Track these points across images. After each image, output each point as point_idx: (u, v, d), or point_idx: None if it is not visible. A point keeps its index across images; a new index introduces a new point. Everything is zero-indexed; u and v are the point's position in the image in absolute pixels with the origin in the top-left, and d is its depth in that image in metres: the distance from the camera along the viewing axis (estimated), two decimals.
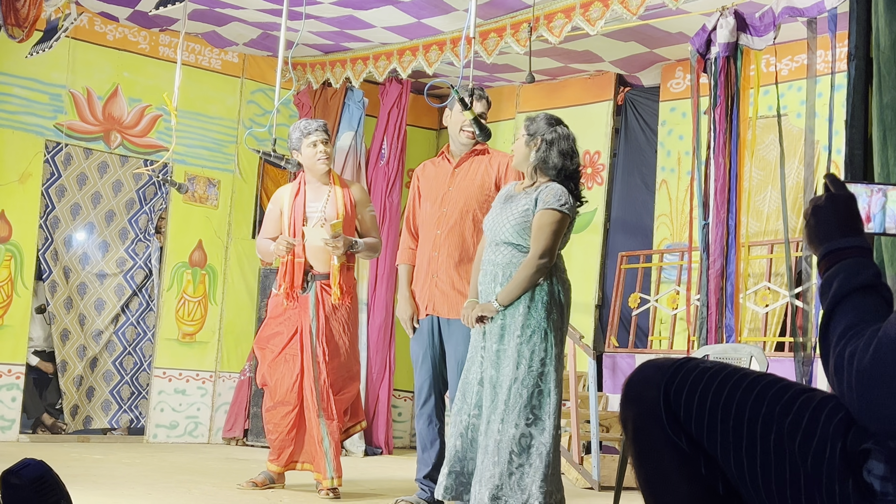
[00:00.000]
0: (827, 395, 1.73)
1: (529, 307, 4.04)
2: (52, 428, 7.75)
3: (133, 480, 5.33)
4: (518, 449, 3.94)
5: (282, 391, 5.21)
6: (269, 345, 5.32)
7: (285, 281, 5.24)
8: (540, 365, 4.01)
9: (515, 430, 3.94)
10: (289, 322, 5.25)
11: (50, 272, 7.60)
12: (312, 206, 5.28)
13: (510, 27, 6.79)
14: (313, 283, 5.22)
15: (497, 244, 4.15)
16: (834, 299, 1.72)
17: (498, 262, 4.13)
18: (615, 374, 7.43)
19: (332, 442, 5.09)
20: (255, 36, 7.92)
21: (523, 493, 3.93)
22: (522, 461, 3.94)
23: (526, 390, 3.97)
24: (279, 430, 5.23)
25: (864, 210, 1.83)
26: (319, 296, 5.20)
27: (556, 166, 4.15)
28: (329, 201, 5.27)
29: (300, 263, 5.23)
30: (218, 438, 8.15)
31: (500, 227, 4.15)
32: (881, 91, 2.82)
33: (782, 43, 6.47)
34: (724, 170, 5.79)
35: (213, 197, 8.24)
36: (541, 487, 3.92)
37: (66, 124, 7.58)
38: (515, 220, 4.11)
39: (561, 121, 4.28)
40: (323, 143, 5.26)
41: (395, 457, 8.07)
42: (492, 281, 4.13)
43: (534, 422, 3.97)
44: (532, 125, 4.24)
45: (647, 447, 1.84)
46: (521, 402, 3.96)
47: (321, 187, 5.31)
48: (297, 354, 5.20)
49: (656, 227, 7.91)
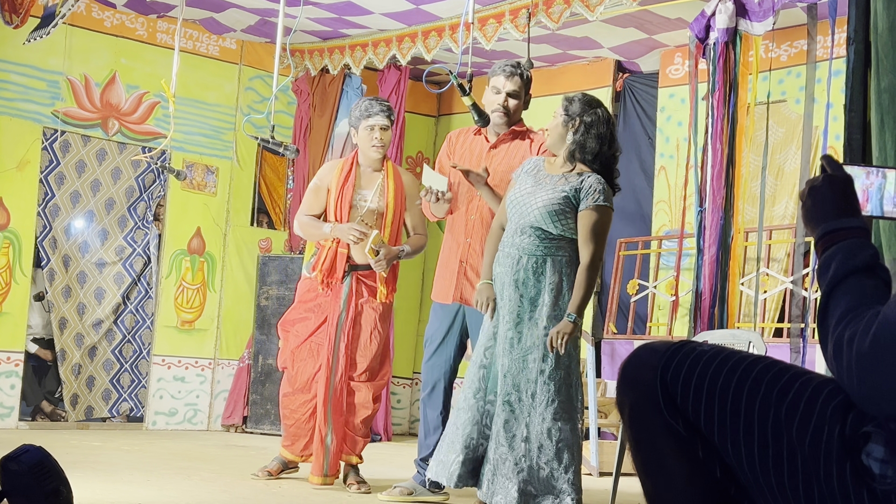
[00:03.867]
0: (825, 379, 1.73)
1: (557, 298, 3.93)
2: (52, 415, 7.75)
3: (132, 467, 5.34)
4: (547, 443, 3.87)
5: (302, 379, 5.10)
6: (294, 329, 5.16)
7: (323, 269, 5.00)
8: (567, 358, 3.94)
9: (543, 425, 3.87)
10: (318, 309, 5.08)
11: (48, 260, 7.60)
12: (361, 194, 5.05)
13: (509, 13, 6.78)
14: (351, 274, 5.03)
15: (522, 227, 3.99)
16: (832, 281, 1.72)
17: (524, 247, 3.99)
18: (614, 361, 7.43)
19: (334, 439, 4.97)
20: (252, 22, 7.90)
21: (554, 488, 3.86)
22: (551, 456, 3.87)
23: (554, 384, 3.89)
24: (295, 417, 5.12)
25: (862, 192, 1.83)
26: (354, 287, 5.02)
27: (594, 151, 4.01)
28: (381, 191, 5.05)
29: (343, 254, 5.00)
30: (217, 425, 8.16)
31: (529, 209, 3.97)
32: (879, 75, 2.82)
33: (781, 28, 6.46)
34: (721, 156, 5.78)
35: (211, 184, 8.24)
36: (571, 482, 3.86)
37: (63, 111, 7.56)
38: (547, 206, 3.95)
39: (601, 103, 4.11)
40: (382, 129, 4.99)
41: (393, 443, 8.08)
42: (514, 264, 3.98)
43: (561, 416, 3.89)
44: (571, 106, 4.06)
45: (644, 431, 1.84)
46: (549, 395, 3.88)
47: (373, 173, 5.08)
48: (324, 345, 5.05)
49: (655, 213, 7.91)
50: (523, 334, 3.96)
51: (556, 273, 3.97)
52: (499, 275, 4.06)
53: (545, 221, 3.96)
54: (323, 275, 5.01)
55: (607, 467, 6.14)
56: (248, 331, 8.22)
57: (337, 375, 5.00)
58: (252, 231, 8.45)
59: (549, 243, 3.98)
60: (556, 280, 3.96)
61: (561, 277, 3.97)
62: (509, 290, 4.00)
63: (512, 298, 3.99)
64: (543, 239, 3.99)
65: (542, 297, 3.95)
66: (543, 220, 3.96)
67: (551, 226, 3.96)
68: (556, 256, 3.98)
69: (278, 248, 8.45)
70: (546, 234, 3.98)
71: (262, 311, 8.04)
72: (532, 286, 3.97)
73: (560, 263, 3.98)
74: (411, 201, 5.07)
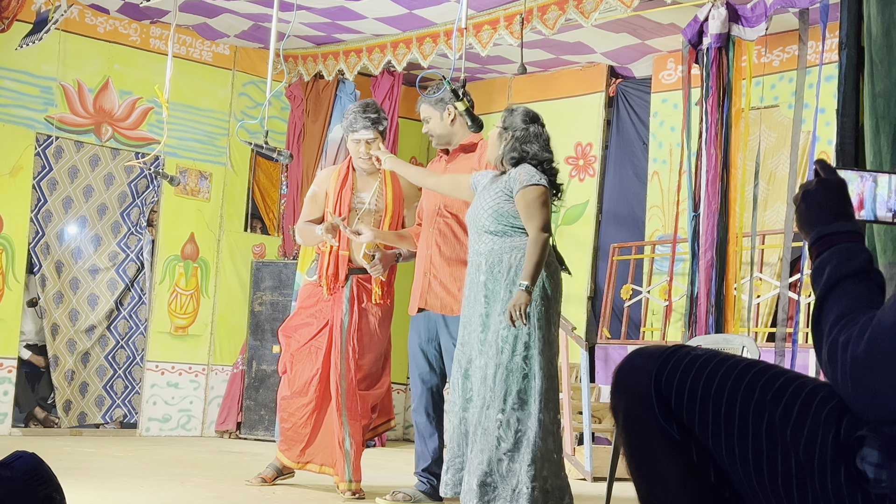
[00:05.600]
0: (820, 383, 1.73)
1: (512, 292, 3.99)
2: (45, 422, 7.73)
3: (125, 473, 5.32)
4: (505, 434, 3.91)
5: (300, 382, 5.07)
6: (296, 334, 5.15)
7: (327, 274, 5.01)
8: (524, 349, 3.97)
9: (502, 416, 3.92)
10: (320, 314, 5.07)
11: (40, 266, 7.58)
12: (359, 197, 5.05)
13: (504, 19, 6.79)
14: (350, 277, 5.02)
15: (479, 234, 4.15)
16: (826, 285, 1.72)
17: (481, 252, 4.12)
18: (607, 366, 7.44)
19: (353, 443, 4.93)
20: (246, 27, 7.90)
21: (512, 479, 3.89)
22: (510, 447, 3.91)
23: (511, 375, 3.94)
24: (293, 421, 5.09)
25: (855, 196, 1.83)
26: (355, 290, 5.02)
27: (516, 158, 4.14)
28: (378, 194, 5.06)
29: (344, 257, 4.99)
30: (211, 431, 8.14)
31: (479, 216, 4.14)
32: (873, 80, 2.82)
33: (774, 34, 6.48)
34: (715, 161, 5.80)
35: (204, 190, 8.23)
36: (529, 473, 3.87)
37: (56, 117, 7.55)
38: (490, 207, 4.10)
39: (538, 118, 4.24)
40: (367, 142, 4.96)
41: (388, 449, 8.08)
42: (476, 271, 4.12)
43: (520, 406, 3.94)
44: (508, 118, 4.22)
45: (638, 435, 1.84)
46: (506, 387, 3.93)
47: (370, 176, 5.08)
48: (322, 348, 5.02)
49: (648, 218, 7.92)
50: (490, 333, 4.04)
51: (512, 269, 4.06)
52: (466, 284, 4.18)
53: (491, 222, 4.11)
54: (328, 280, 5.01)
55: (601, 472, 6.14)
56: (242, 336, 8.21)
57: (347, 379, 4.97)
58: (246, 236, 8.45)
59: (502, 242, 4.10)
60: (511, 275, 4.05)
61: (516, 272, 4.04)
62: (477, 294, 4.11)
63: (479, 302, 4.09)
64: (497, 239, 4.11)
65: (500, 293, 4.04)
66: (490, 222, 4.11)
67: (497, 225, 4.10)
68: (511, 252, 4.08)
69: (272, 254, 8.44)
70: (496, 234, 4.11)
71: (255, 317, 8.03)
72: (492, 286, 4.08)
73: (515, 259, 4.07)
74: (410, 202, 5.10)
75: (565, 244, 8.40)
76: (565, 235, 8.40)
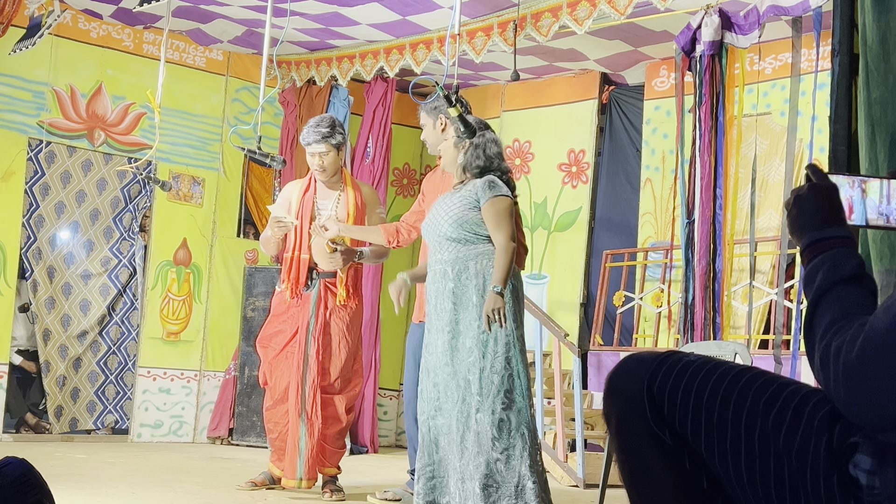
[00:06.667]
0: (812, 389, 1.73)
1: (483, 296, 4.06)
2: (36, 427, 7.70)
3: (117, 479, 5.30)
4: (498, 433, 3.98)
5: (280, 389, 5.14)
6: (272, 343, 5.24)
7: (290, 278, 5.16)
8: (505, 349, 4.05)
9: (493, 417, 3.98)
10: (291, 320, 5.18)
11: (32, 271, 7.56)
12: (322, 204, 5.22)
13: (497, 26, 6.79)
14: (317, 281, 5.15)
15: (439, 242, 4.21)
16: (818, 291, 1.72)
17: (445, 260, 4.18)
18: (600, 372, 7.43)
19: (308, 444, 5.01)
20: (239, 33, 7.90)
21: (514, 476, 3.96)
22: (505, 445, 3.98)
23: (497, 376, 4.01)
24: (279, 430, 5.15)
25: (847, 202, 1.83)
26: (322, 294, 5.13)
27: (480, 167, 4.27)
28: (340, 202, 5.21)
29: (305, 260, 5.14)
30: (203, 437, 8.12)
31: (439, 224, 4.21)
32: (869, 87, 2.82)
33: (767, 41, 6.49)
34: (709, 168, 5.81)
35: (197, 195, 8.22)
36: (530, 466, 3.97)
37: (49, 122, 7.54)
38: (453, 215, 4.17)
39: (489, 125, 4.43)
40: (320, 155, 5.15)
41: (380, 455, 8.06)
42: (442, 279, 4.17)
43: (508, 405, 4.01)
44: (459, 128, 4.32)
45: (631, 441, 1.83)
46: (494, 388, 4.00)
47: (332, 186, 5.25)
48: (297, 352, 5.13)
49: (641, 225, 7.93)
50: (460, 338, 4.09)
51: (480, 275, 4.13)
52: (433, 291, 4.22)
53: (454, 230, 4.17)
54: (291, 284, 5.14)
55: (594, 479, 6.14)
56: (235, 342, 8.19)
57: (308, 381, 5.06)
58: (238, 242, 8.43)
59: (466, 249, 4.16)
60: (480, 281, 4.11)
61: (485, 277, 4.11)
62: (444, 302, 4.16)
63: (446, 309, 4.14)
64: (460, 247, 4.17)
65: (470, 298, 4.10)
66: (454, 230, 4.17)
67: (461, 232, 4.16)
68: (477, 259, 4.15)
69: (265, 260, 8.43)
70: (459, 241, 4.17)
71: (248, 323, 8.01)
72: (461, 293, 4.13)
73: (482, 265, 4.14)
74: (371, 210, 5.27)
75: (558, 251, 8.41)
76: (558, 242, 8.40)
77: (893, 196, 1.83)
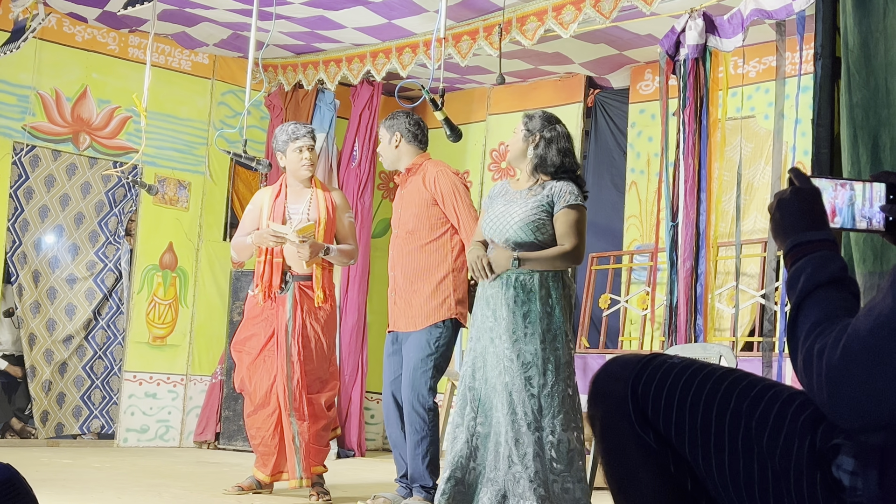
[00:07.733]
0: (795, 391, 1.74)
1: (550, 313, 3.98)
2: (21, 433, 7.66)
3: (103, 484, 5.29)
4: (558, 455, 3.90)
5: (261, 394, 5.15)
6: (246, 347, 5.26)
7: (262, 281, 5.19)
8: (567, 369, 3.98)
9: (553, 437, 3.90)
10: (265, 323, 5.20)
11: (17, 275, 7.53)
12: (293, 208, 5.26)
13: (483, 30, 6.80)
14: (291, 284, 5.18)
15: (504, 246, 4.08)
16: (801, 294, 1.73)
17: None
18: (586, 375, 7.43)
19: (301, 441, 5.06)
20: (225, 36, 7.89)
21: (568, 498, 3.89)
22: (563, 467, 3.90)
23: (558, 395, 3.92)
24: (261, 435, 5.16)
25: (830, 205, 1.84)
26: (297, 296, 5.16)
27: (555, 164, 4.15)
28: (311, 205, 5.24)
29: (279, 263, 5.18)
30: (189, 442, 8.10)
31: (506, 226, 4.08)
32: (850, 90, 2.84)
33: (750, 45, 6.52)
34: (693, 171, 5.83)
35: (183, 199, 8.20)
36: (584, 490, 3.92)
37: (34, 126, 7.51)
38: (524, 220, 4.05)
39: (559, 119, 4.29)
40: (309, 149, 5.25)
41: (367, 459, 8.05)
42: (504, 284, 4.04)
43: (567, 426, 3.93)
44: (531, 122, 4.23)
45: (615, 444, 1.84)
46: (554, 407, 3.91)
47: (303, 190, 5.29)
48: (275, 355, 5.15)
49: (626, 228, 7.95)
50: (521, 351, 3.97)
51: (545, 286, 4.02)
52: (491, 296, 4.10)
53: (525, 235, 4.04)
54: (264, 287, 5.18)
55: None
56: (221, 346, 8.17)
57: (294, 380, 5.08)
58: (225, 246, 8.41)
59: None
60: (544, 293, 4.01)
61: (549, 289, 4.02)
62: (503, 309, 4.03)
63: (506, 317, 4.02)
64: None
65: (535, 310, 3.99)
66: (524, 234, 4.04)
67: (532, 237, 4.04)
68: (544, 269, 4.04)
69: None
70: (528, 246, 4.05)
71: (234, 327, 7.97)
72: (523, 302, 4.02)
73: (547, 276, 4.04)
74: (341, 214, 5.31)
75: None
76: None
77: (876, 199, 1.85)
